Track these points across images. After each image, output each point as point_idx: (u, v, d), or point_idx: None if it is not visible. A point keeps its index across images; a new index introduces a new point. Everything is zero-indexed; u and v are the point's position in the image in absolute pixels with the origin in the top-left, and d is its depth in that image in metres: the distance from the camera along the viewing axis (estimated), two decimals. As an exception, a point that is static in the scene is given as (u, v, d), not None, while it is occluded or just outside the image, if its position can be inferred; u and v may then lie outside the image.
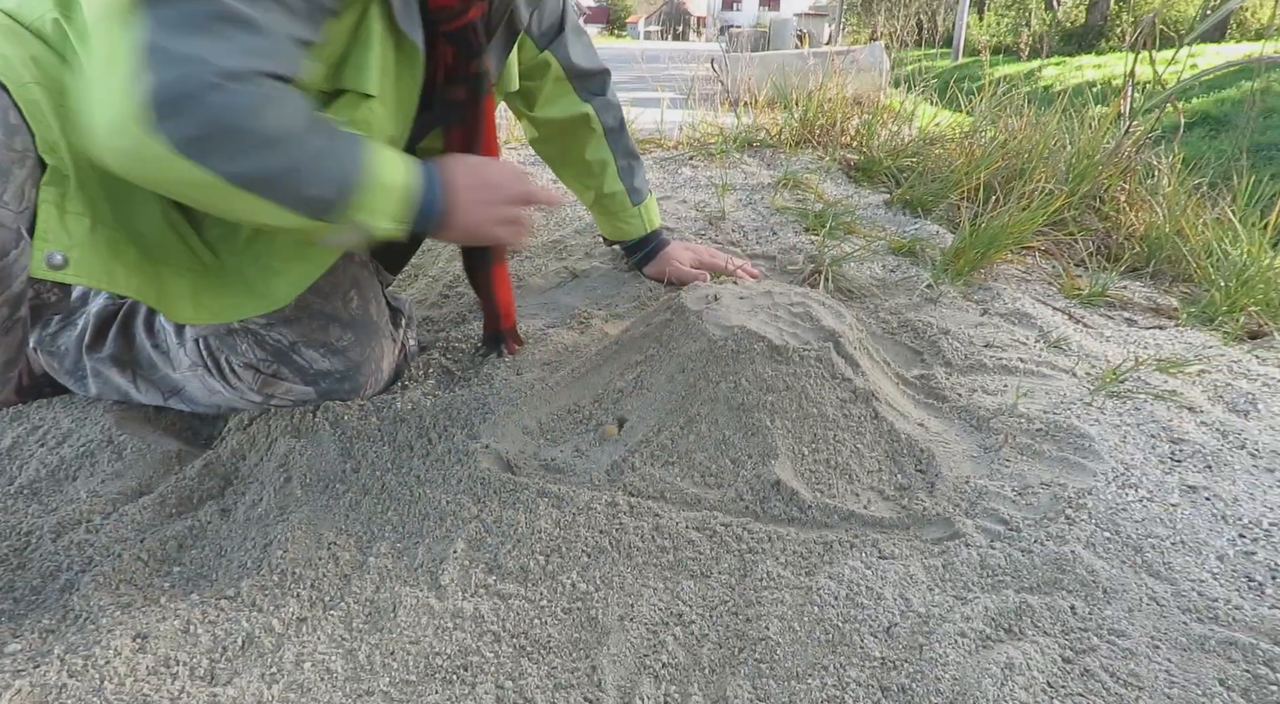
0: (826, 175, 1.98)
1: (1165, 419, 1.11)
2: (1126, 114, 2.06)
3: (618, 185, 1.37)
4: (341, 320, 1.11)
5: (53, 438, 1.14)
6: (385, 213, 0.84)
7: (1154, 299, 1.61)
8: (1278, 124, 7.27)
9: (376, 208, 0.83)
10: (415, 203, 0.87)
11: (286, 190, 0.77)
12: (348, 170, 0.80)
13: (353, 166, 0.81)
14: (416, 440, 1.07)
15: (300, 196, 0.78)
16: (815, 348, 1.09)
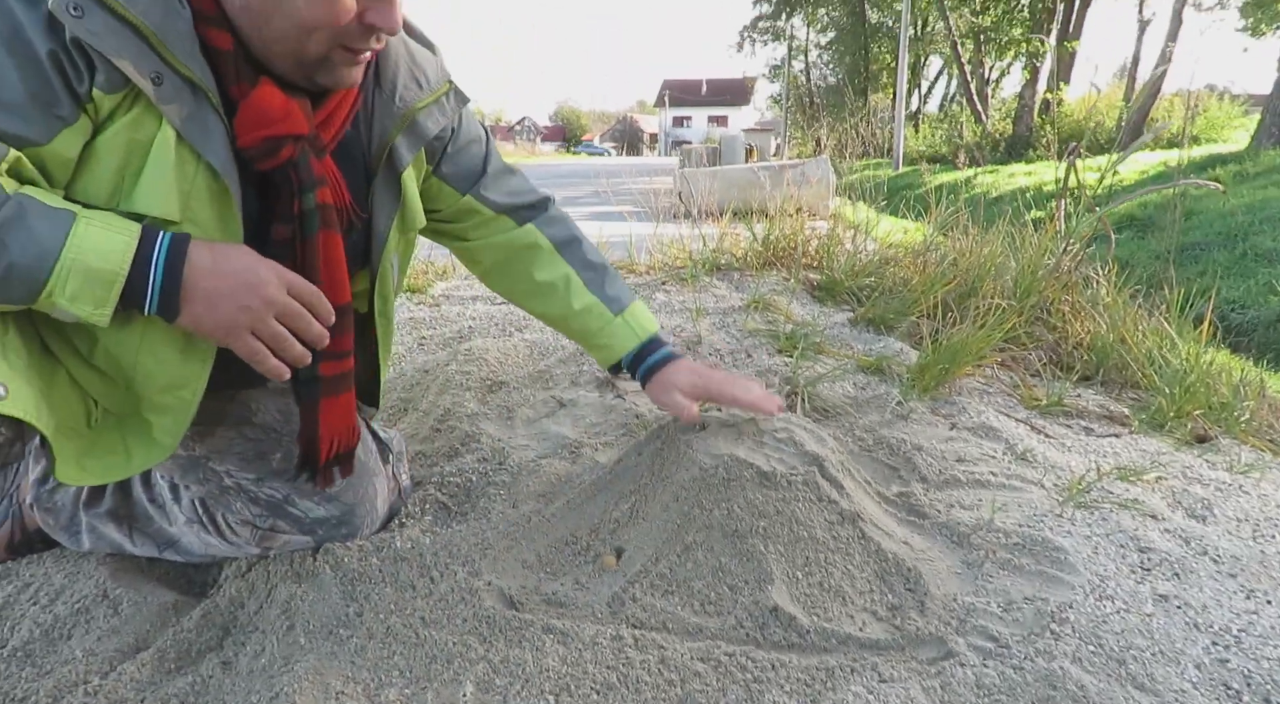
0: (792, 296, 2.10)
1: (1131, 528, 1.18)
2: (1062, 232, 2.23)
3: (588, 299, 1.19)
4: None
5: (45, 595, 1.13)
6: (87, 299, 0.75)
7: (1107, 407, 1.71)
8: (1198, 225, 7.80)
9: (76, 294, 0.74)
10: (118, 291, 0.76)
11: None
12: (42, 250, 0.72)
13: (50, 247, 0.73)
14: (419, 580, 1.09)
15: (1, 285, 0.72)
16: (801, 473, 1.15)
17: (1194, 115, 15.62)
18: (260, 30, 0.82)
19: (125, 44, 0.75)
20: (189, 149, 0.81)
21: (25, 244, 0.72)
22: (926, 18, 27.94)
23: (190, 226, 0.83)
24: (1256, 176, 9.64)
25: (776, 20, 36.38)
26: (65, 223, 0.74)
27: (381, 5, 0.83)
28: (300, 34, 0.81)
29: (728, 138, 19.97)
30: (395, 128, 0.99)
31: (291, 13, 0.80)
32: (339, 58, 0.85)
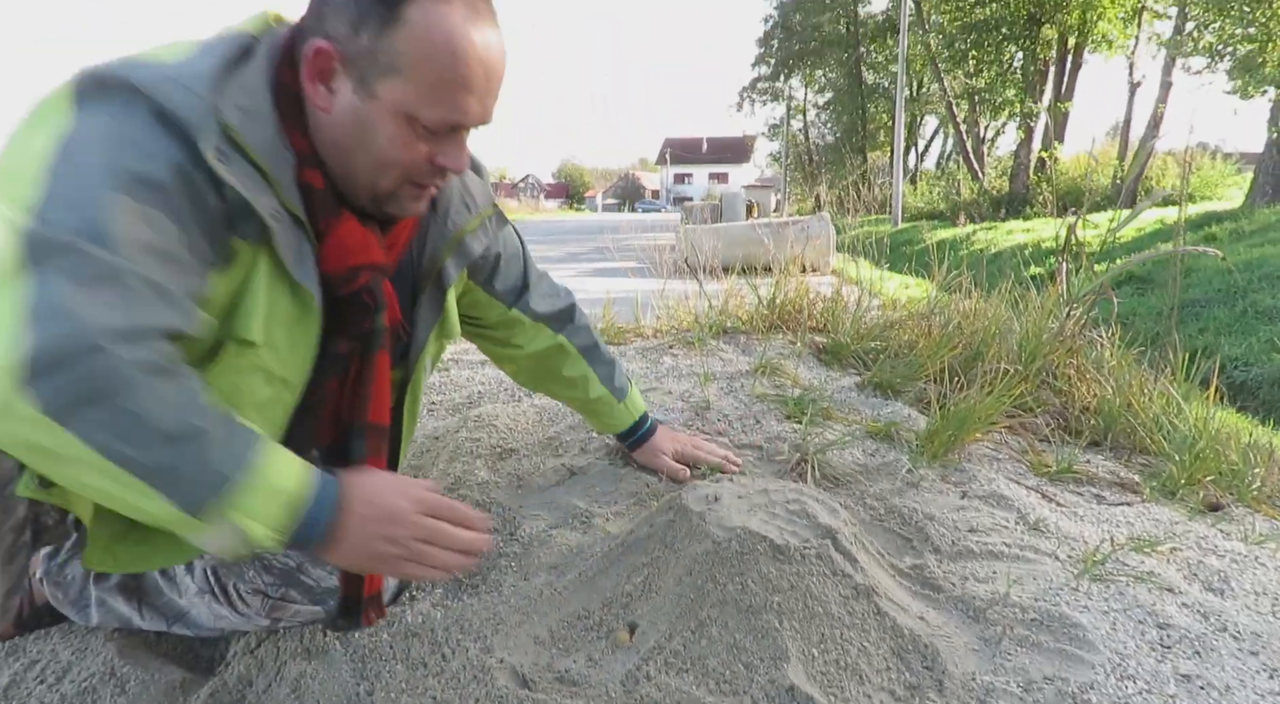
0: (799, 360, 2.11)
1: (1149, 603, 1.17)
2: (1065, 296, 2.26)
3: (601, 391, 1.43)
4: None
5: (52, 673, 1.12)
6: (265, 519, 0.74)
7: (1117, 473, 1.70)
8: (1197, 282, 7.86)
9: (257, 511, 0.73)
10: (300, 516, 0.76)
11: (160, 471, 0.69)
12: (234, 461, 0.72)
13: (240, 459, 0.73)
14: (430, 656, 1.08)
15: (175, 480, 0.70)
16: (815, 545, 1.14)
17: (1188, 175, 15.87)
18: (345, 165, 0.89)
19: (258, 187, 0.82)
20: (281, 279, 0.87)
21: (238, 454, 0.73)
22: (922, 79, 28.69)
23: (266, 348, 0.88)
24: (1253, 234, 9.76)
25: (775, 81, 37.34)
26: (250, 436, 0.76)
27: (451, 149, 0.90)
28: (378, 169, 0.88)
29: (729, 195, 20.33)
30: (446, 250, 1.08)
31: (373, 150, 0.87)
32: (407, 192, 0.92)
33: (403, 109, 0.84)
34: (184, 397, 0.72)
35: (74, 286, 0.68)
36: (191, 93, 0.77)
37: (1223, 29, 13.21)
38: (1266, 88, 12.11)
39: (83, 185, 0.72)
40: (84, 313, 0.67)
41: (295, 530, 0.76)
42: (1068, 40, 19.96)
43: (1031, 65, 20.72)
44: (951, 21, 21.68)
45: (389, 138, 0.86)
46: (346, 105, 0.86)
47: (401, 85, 0.83)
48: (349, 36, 0.83)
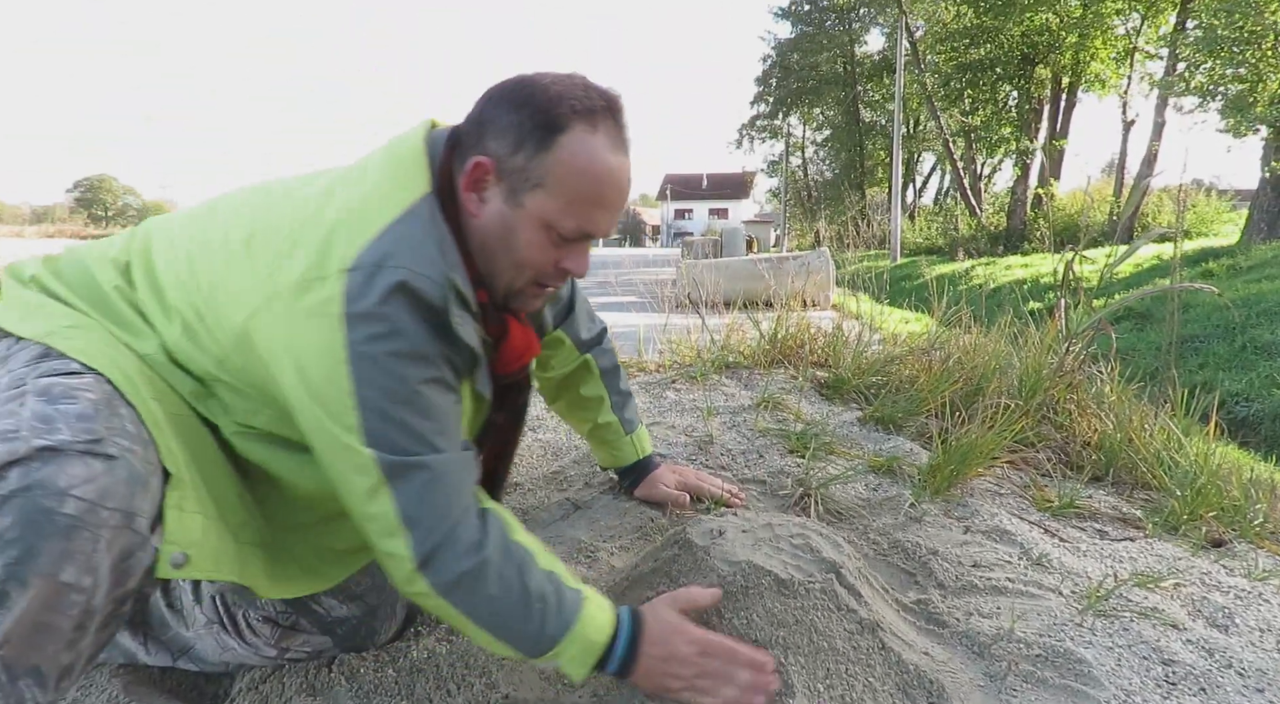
0: (801, 395, 2.13)
1: (1153, 639, 1.17)
2: (1064, 331, 2.28)
3: (611, 417, 1.47)
4: (360, 566, 1.15)
5: (57, 706, 1.11)
6: (580, 664, 0.97)
7: (1119, 508, 1.71)
8: (1195, 318, 7.91)
9: (574, 658, 0.96)
10: (603, 659, 0.98)
11: (511, 636, 0.95)
12: (562, 626, 0.95)
13: (567, 622, 0.96)
14: (435, 693, 1.08)
15: (521, 640, 0.95)
16: (819, 580, 1.15)
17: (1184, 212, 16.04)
18: (487, 265, 1.01)
19: (472, 334, 0.97)
20: (465, 387, 1.02)
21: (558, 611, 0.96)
22: (919, 117, 29.11)
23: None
24: (1249, 270, 9.84)
25: (774, 119, 37.87)
26: (577, 598, 0.98)
27: (577, 256, 1.03)
28: (514, 269, 1.01)
29: (729, 230, 20.51)
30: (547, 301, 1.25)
31: (513, 252, 0.99)
32: (533, 291, 1.05)
33: (544, 218, 0.97)
34: (523, 569, 0.95)
35: (421, 494, 0.91)
36: (435, 282, 0.91)
37: (1213, 69, 13.46)
38: (1258, 126, 12.30)
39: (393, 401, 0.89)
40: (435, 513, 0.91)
41: (599, 668, 0.99)
42: (1061, 80, 20.32)
43: (1026, 104, 21.06)
44: (946, 61, 22.09)
45: (528, 242, 0.98)
46: (495, 212, 0.98)
47: (547, 198, 0.96)
48: (508, 155, 0.95)
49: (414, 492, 0.90)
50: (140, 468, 0.81)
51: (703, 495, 1.52)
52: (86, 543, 0.76)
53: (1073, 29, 18.64)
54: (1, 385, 0.84)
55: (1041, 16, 18.89)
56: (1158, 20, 18.09)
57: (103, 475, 0.77)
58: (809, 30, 33.83)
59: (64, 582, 0.75)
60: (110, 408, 0.82)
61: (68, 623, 0.76)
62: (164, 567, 0.83)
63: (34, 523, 0.74)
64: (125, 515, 0.79)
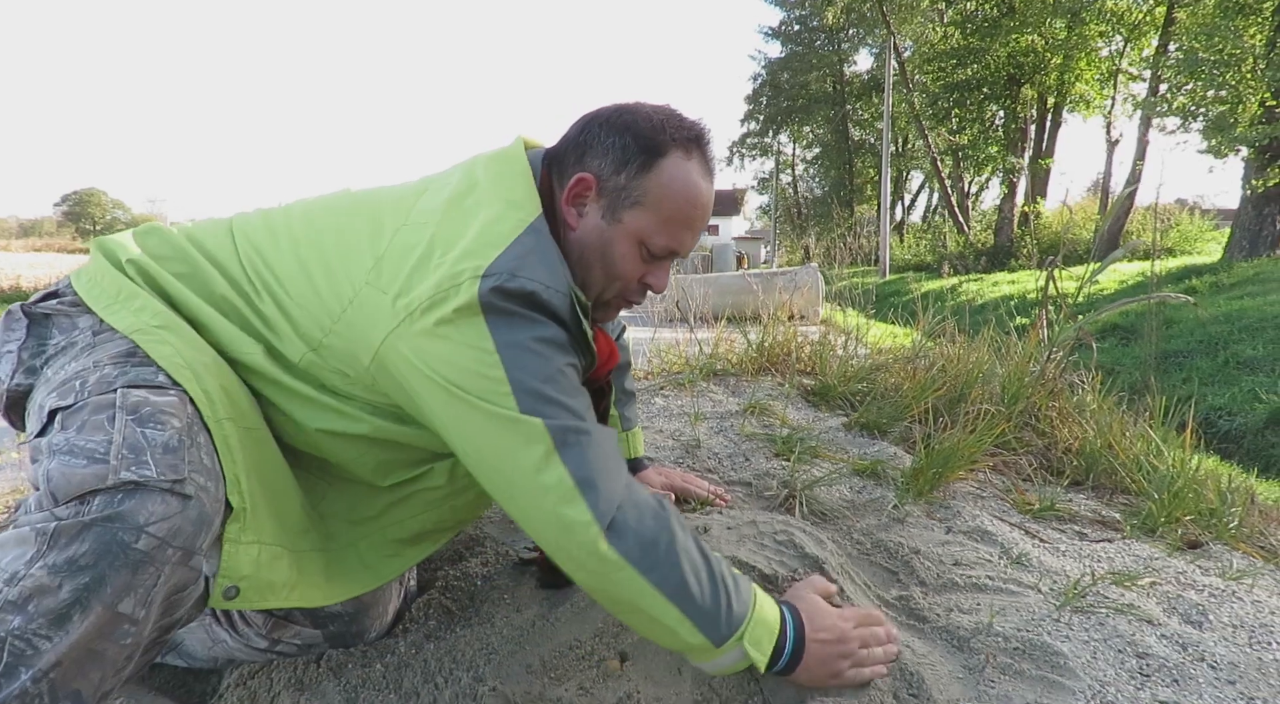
0: (787, 401, 2.15)
1: (1128, 633, 1.19)
2: (1046, 340, 2.32)
3: (613, 411, 1.49)
4: None
5: None
6: (762, 645, 0.95)
7: (1098, 511, 1.74)
8: (1178, 334, 8.00)
9: (759, 638, 0.95)
10: (779, 643, 0.97)
11: (701, 611, 0.92)
12: (744, 604, 0.95)
13: (747, 601, 0.95)
14: (423, 686, 1.09)
15: (712, 619, 0.92)
16: (802, 575, 1.17)
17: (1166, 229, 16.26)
18: (583, 275, 1.06)
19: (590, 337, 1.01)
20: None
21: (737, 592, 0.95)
22: (907, 136, 29.44)
23: None
24: (1232, 287, 9.97)
25: (764, 137, 38.21)
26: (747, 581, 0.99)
27: (661, 273, 1.08)
28: (606, 281, 1.07)
29: (719, 246, 20.62)
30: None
31: (607, 264, 1.05)
32: (616, 303, 1.11)
33: (638, 235, 1.03)
34: (698, 547, 0.95)
35: (588, 457, 0.91)
36: (562, 293, 0.96)
37: (1195, 91, 13.69)
38: (1238, 147, 12.50)
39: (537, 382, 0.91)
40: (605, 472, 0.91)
41: (776, 652, 0.97)
42: (1047, 100, 20.60)
43: (1013, 123, 21.32)
44: (934, 81, 22.38)
45: (621, 255, 1.04)
46: (592, 225, 1.04)
47: (643, 216, 1.02)
48: (610, 174, 1.02)
49: (583, 456, 0.91)
50: (209, 508, 0.84)
51: (689, 496, 1.55)
52: (149, 578, 0.79)
53: (1057, 51, 18.95)
54: (90, 381, 0.86)
55: (1027, 38, 19.20)
56: (1140, 43, 18.42)
57: (177, 515, 0.81)
58: (799, 50, 34.25)
59: (121, 612, 0.77)
60: (191, 437, 0.85)
61: (118, 653, 0.79)
62: (216, 598, 0.87)
63: (109, 554, 0.76)
64: (186, 553, 0.82)
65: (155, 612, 0.80)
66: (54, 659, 0.74)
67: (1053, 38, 19.06)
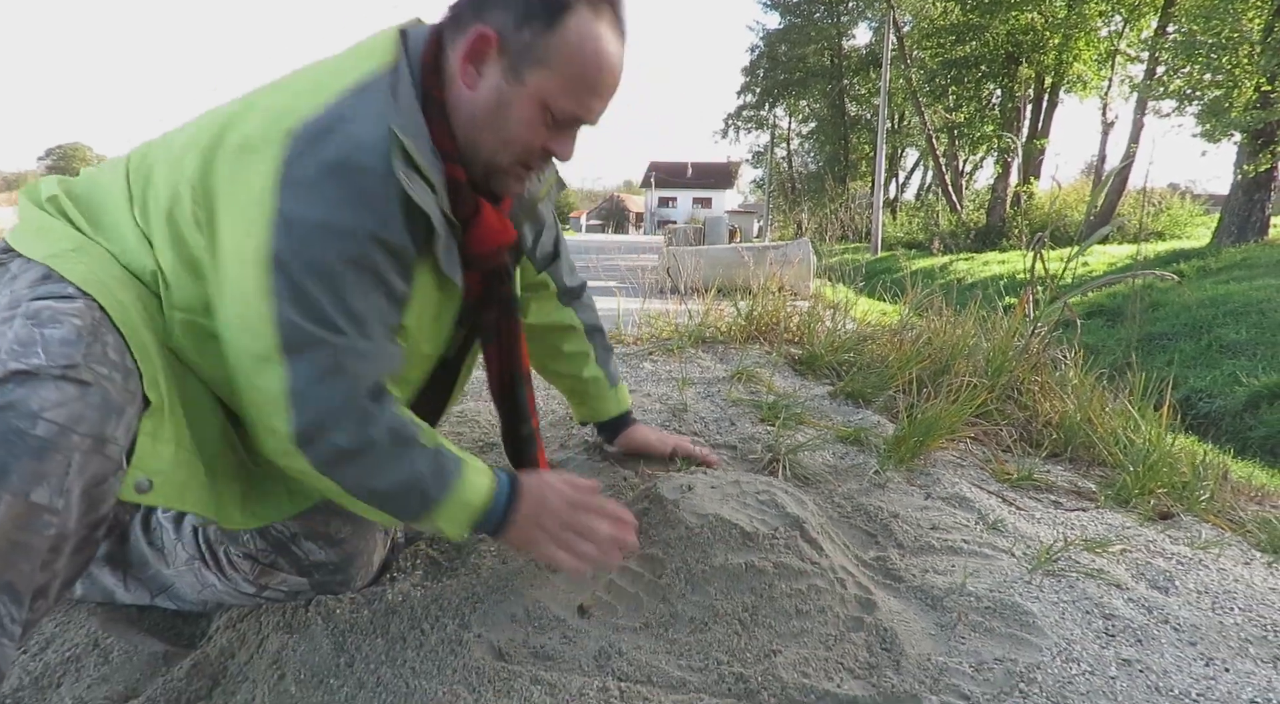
0: (774, 369, 2.17)
1: (1096, 596, 1.23)
2: (1031, 315, 2.35)
3: (597, 371, 1.47)
4: (342, 513, 1.18)
5: (35, 644, 1.13)
6: (456, 524, 1.01)
7: (1074, 482, 1.78)
8: (1164, 317, 8.07)
9: (451, 519, 1.00)
10: (480, 520, 1.02)
11: (388, 503, 0.98)
12: (440, 489, 0.98)
13: (443, 488, 0.98)
14: (409, 632, 1.11)
15: (400, 506, 0.98)
16: (783, 534, 1.19)
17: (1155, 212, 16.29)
18: (472, 140, 1.00)
19: (429, 200, 0.94)
20: (432, 272, 1.01)
21: (442, 482, 0.98)
22: (903, 112, 29.26)
23: (413, 326, 1.03)
24: (1219, 272, 10.05)
25: (760, 109, 37.88)
26: (458, 466, 1.01)
27: (564, 139, 1.02)
28: (501, 146, 1.00)
29: (712, 219, 20.55)
30: (524, 216, 1.20)
31: (503, 128, 0.99)
32: (515, 172, 1.04)
33: (541, 97, 0.96)
34: (406, 449, 0.96)
35: (319, 375, 0.90)
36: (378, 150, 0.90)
37: (1191, 74, 13.67)
38: (1232, 131, 12.52)
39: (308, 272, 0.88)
40: (329, 397, 0.90)
41: (476, 528, 1.03)
42: (1044, 79, 20.51)
43: (1009, 102, 21.24)
44: (932, 57, 22.22)
45: (520, 119, 0.97)
46: (492, 86, 0.97)
47: (548, 77, 0.96)
48: (512, 30, 0.95)
49: (309, 370, 0.89)
50: (116, 396, 0.83)
51: (682, 453, 1.55)
52: (58, 466, 0.78)
53: (1057, 29, 18.82)
54: (1, 305, 0.86)
55: (1027, 15, 19.06)
56: (1140, 24, 18.32)
57: (75, 401, 0.79)
58: (797, 22, 33.83)
59: (35, 502, 0.77)
60: (95, 335, 0.84)
61: (42, 543, 0.78)
62: (128, 490, 0.85)
63: (7, 443, 0.76)
64: (97, 441, 0.81)
65: (76, 502, 0.80)
66: None
67: (1052, 16, 18.93)
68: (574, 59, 0.95)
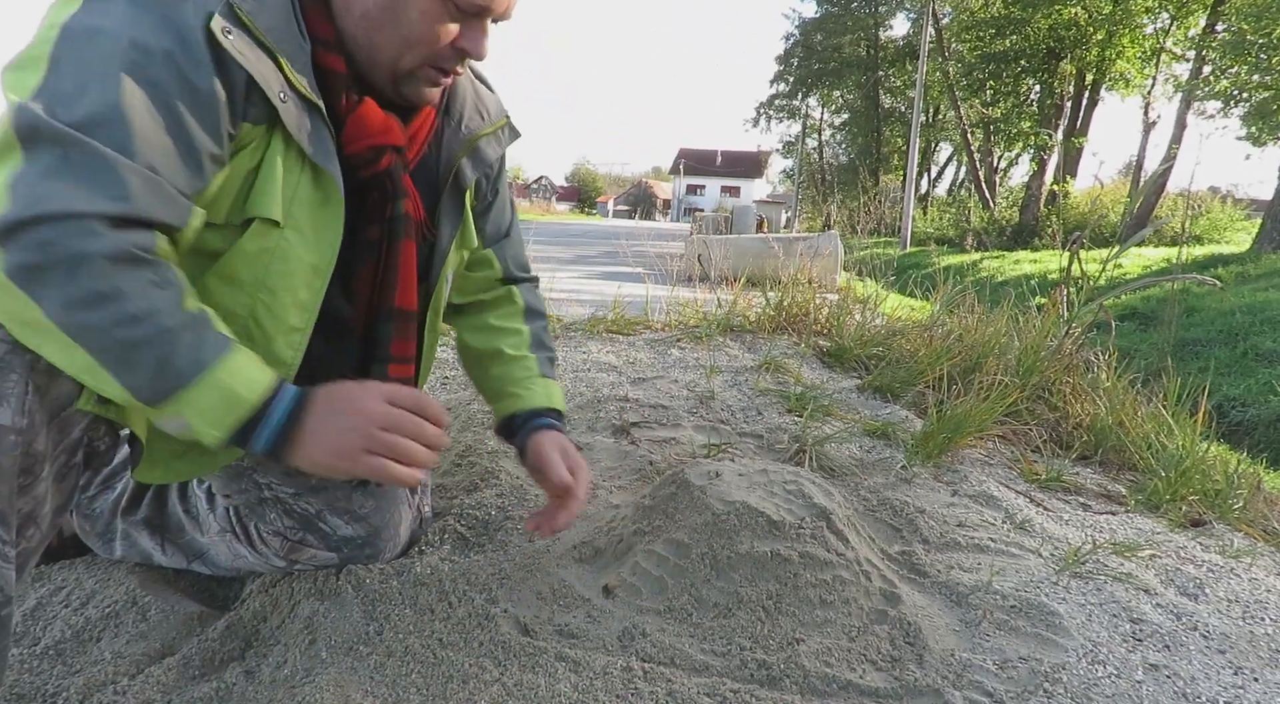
0: (802, 360, 2.17)
1: (1125, 599, 1.22)
2: (1065, 315, 2.32)
3: (528, 353, 1.22)
4: (364, 488, 1.19)
5: (76, 599, 1.17)
6: (213, 420, 0.79)
7: (1104, 485, 1.76)
8: (1199, 322, 7.92)
9: (206, 411, 0.79)
10: (248, 419, 0.81)
11: (115, 356, 0.74)
12: (194, 365, 0.77)
13: (201, 363, 0.78)
14: (437, 604, 1.13)
15: (130, 368, 0.75)
16: (810, 524, 1.20)
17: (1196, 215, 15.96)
18: (370, 41, 0.92)
19: (265, 67, 0.84)
20: (296, 160, 0.90)
21: (190, 348, 0.77)
22: (939, 106, 28.84)
23: (291, 230, 0.91)
24: (1258, 278, 9.82)
25: (792, 99, 37.54)
26: (225, 345, 0.80)
27: (475, 34, 0.94)
28: (402, 46, 0.92)
29: (740, 208, 20.45)
30: (461, 151, 1.09)
31: (402, 25, 0.90)
32: (425, 75, 0.95)
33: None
34: (153, 292, 0.76)
35: (57, 171, 0.72)
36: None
37: (1239, 75, 13.33)
38: (1278, 135, 12.20)
39: (83, 73, 0.75)
40: (59, 194, 0.71)
41: (241, 431, 0.80)
42: (1085, 77, 20.09)
43: (1048, 99, 20.84)
44: (971, 51, 21.84)
45: (421, 12, 0.90)
46: None
47: None
48: None
49: (42, 165, 0.72)
50: None
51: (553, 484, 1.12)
52: (15, 386, 0.74)
53: (1101, 25, 18.41)
54: None
55: (1070, 10, 18.65)
56: (1187, 22, 17.87)
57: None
58: (834, 11, 33.43)
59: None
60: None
61: (10, 464, 0.75)
62: (88, 399, 0.80)
63: None
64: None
65: (41, 424, 0.76)
66: None
67: (1097, 11, 18.51)
68: None
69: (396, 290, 1.04)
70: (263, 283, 0.91)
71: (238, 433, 0.81)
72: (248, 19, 0.83)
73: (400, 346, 1.06)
